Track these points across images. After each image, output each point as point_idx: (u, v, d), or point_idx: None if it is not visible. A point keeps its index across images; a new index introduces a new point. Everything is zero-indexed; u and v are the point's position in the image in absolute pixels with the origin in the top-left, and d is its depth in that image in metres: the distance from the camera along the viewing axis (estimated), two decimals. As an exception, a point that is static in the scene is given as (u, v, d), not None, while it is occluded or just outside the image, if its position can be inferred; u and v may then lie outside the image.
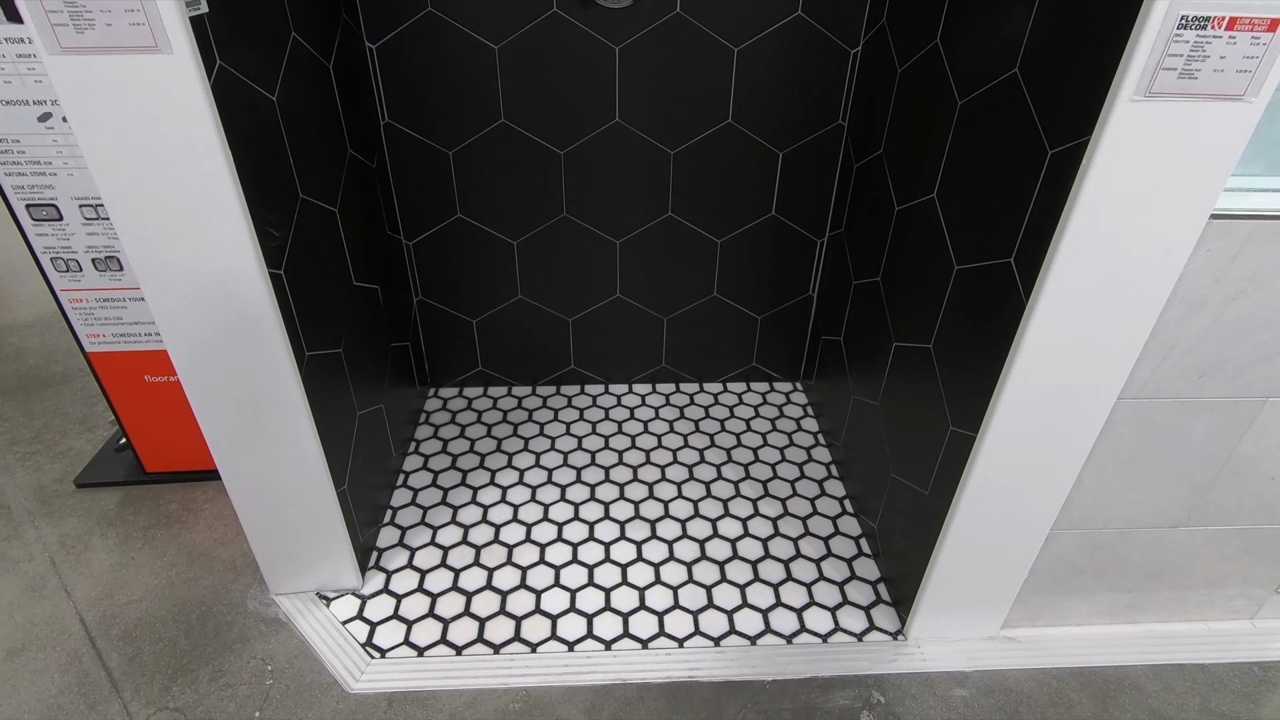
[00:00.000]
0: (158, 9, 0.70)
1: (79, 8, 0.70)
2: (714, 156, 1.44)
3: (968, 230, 0.95)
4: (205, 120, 0.77)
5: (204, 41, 0.76)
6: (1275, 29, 0.65)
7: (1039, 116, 0.79)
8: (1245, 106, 0.69)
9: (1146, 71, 0.66)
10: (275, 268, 0.92)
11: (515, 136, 1.39)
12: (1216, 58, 0.66)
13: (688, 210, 1.50)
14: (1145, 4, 0.64)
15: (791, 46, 1.32)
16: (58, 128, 1.06)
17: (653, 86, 1.35)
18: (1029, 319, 0.82)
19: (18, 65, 1.01)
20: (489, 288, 1.59)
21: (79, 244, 1.16)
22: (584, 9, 1.27)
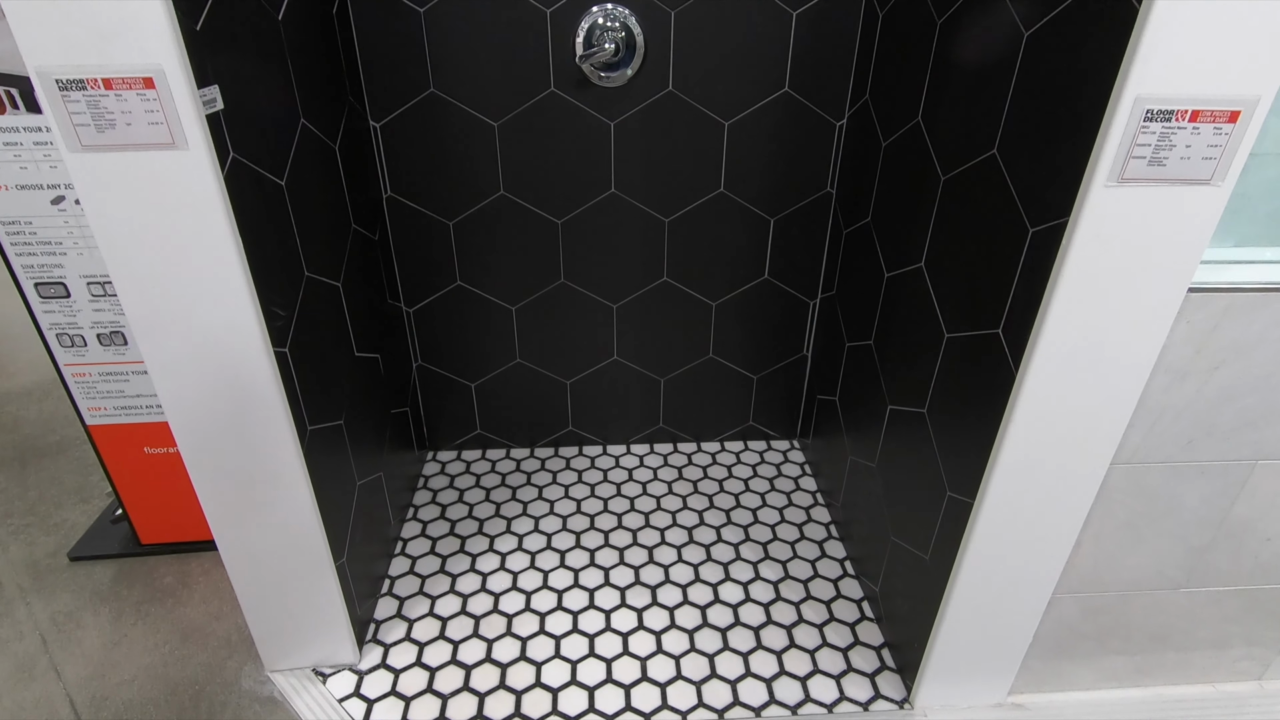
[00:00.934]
0: (176, 109, 0.74)
1: (101, 109, 0.73)
2: (707, 223, 1.48)
3: (956, 300, 0.98)
4: (217, 210, 0.80)
5: (218, 136, 0.79)
6: (1235, 119, 0.69)
7: (1019, 196, 0.83)
8: (1213, 190, 0.72)
9: (1118, 160, 0.70)
10: (280, 346, 0.93)
11: (514, 207, 1.43)
12: (1182, 146, 0.69)
13: (683, 275, 1.54)
14: (1112, 99, 0.68)
15: (780, 120, 1.38)
16: (69, 210, 1.09)
17: (647, 159, 1.40)
18: (1019, 388, 0.84)
19: (34, 152, 1.04)
20: (488, 352, 1.61)
21: (85, 320, 1.18)
22: (580, 88, 1.33)
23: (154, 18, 0.70)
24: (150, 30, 0.70)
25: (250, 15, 0.88)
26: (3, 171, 1.04)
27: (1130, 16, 0.66)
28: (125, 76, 0.72)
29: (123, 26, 0.70)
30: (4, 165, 1.04)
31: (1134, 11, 0.65)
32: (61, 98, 0.72)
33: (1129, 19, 0.66)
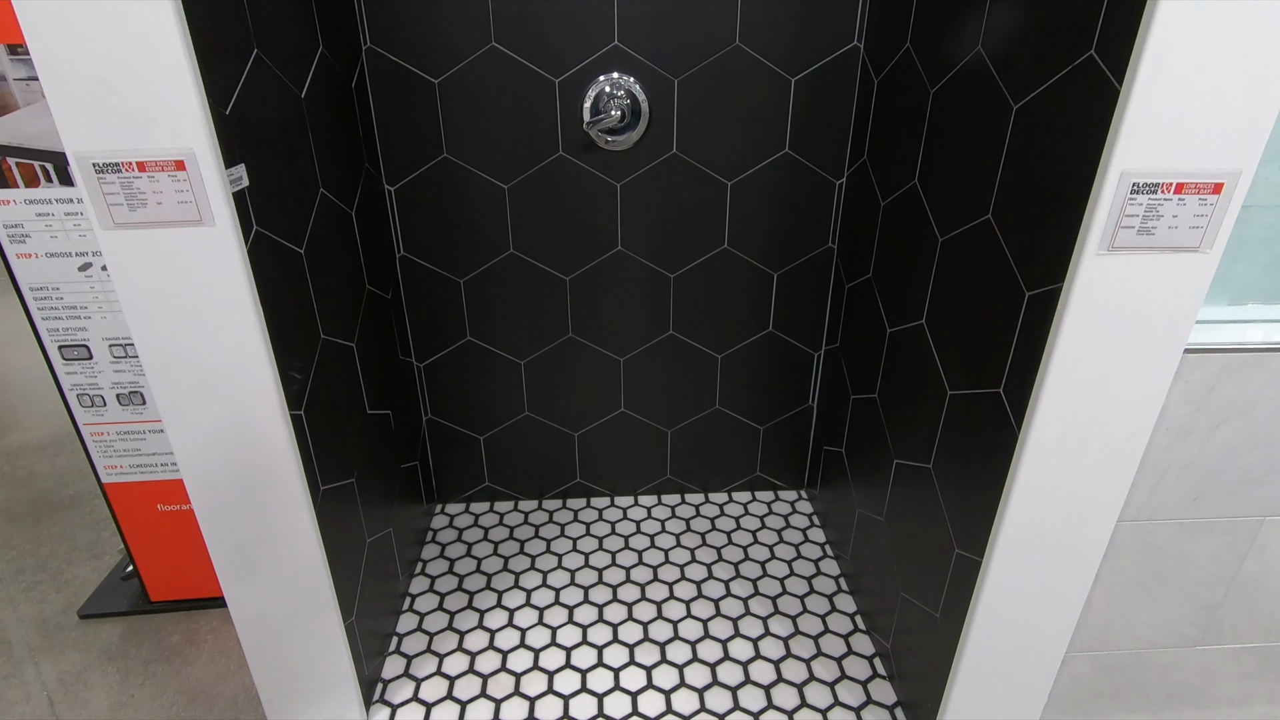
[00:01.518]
0: (205, 189, 0.77)
1: (134, 190, 0.77)
2: (712, 279, 1.51)
3: (957, 357, 1.00)
4: (240, 282, 0.83)
5: (243, 211, 0.83)
6: (1219, 191, 0.71)
7: (1014, 260, 0.86)
8: (1202, 257, 0.75)
9: (1107, 230, 0.72)
10: (296, 409, 0.96)
11: (523, 265, 1.47)
12: (1169, 217, 0.72)
13: (688, 328, 1.56)
14: (1099, 173, 0.71)
15: (780, 179, 1.42)
16: (95, 276, 1.13)
17: (652, 217, 1.44)
18: (1022, 447, 0.85)
19: (64, 222, 1.09)
20: (497, 405, 1.63)
21: (105, 380, 1.21)
22: (588, 151, 1.37)
23: (187, 105, 0.74)
24: (183, 116, 0.75)
25: (275, 95, 0.93)
26: (34, 241, 1.09)
27: (1113, 95, 0.69)
28: (158, 160, 0.76)
29: (157, 114, 0.74)
30: (36, 235, 1.08)
31: (1116, 91, 0.68)
32: (98, 180, 0.76)
33: (1112, 97, 0.69)
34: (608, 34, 1.28)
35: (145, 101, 0.74)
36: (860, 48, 1.31)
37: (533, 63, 1.29)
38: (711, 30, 1.28)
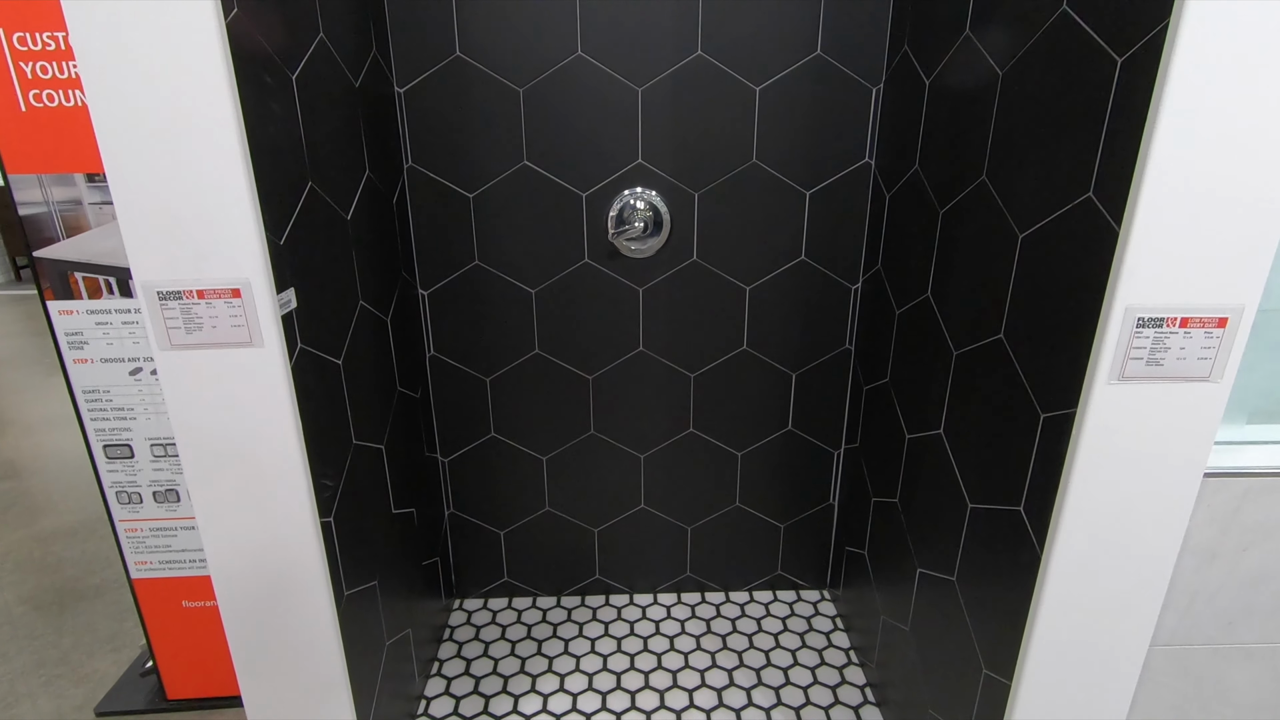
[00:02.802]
0: (258, 314, 0.83)
1: (192, 315, 0.83)
2: (731, 378, 1.54)
3: (977, 471, 1.01)
4: (283, 398, 0.88)
5: (289, 331, 0.88)
6: (1224, 324, 0.74)
7: (1028, 381, 0.88)
8: (1213, 386, 0.76)
9: (1116, 361, 0.74)
10: (325, 516, 0.98)
11: (548, 365, 1.51)
12: (1177, 349, 0.74)
13: (708, 426, 1.58)
14: (1104, 307, 0.73)
15: (797, 284, 1.47)
16: (144, 379, 1.19)
17: (673, 320, 1.49)
18: (1046, 569, 0.85)
19: (120, 330, 1.16)
20: (518, 500, 1.64)
21: (144, 479, 1.25)
22: (612, 258, 1.44)
23: (247, 239, 0.81)
24: (242, 249, 0.81)
25: (324, 220, 1.00)
26: (92, 347, 1.15)
27: (1112, 235, 0.73)
28: (217, 288, 0.82)
29: (219, 247, 0.81)
30: (94, 342, 1.15)
31: (1115, 232, 0.72)
32: (160, 306, 0.82)
33: (1111, 237, 0.73)
34: (632, 153, 1.36)
35: (209, 236, 0.80)
36: (871, 164, 1.38)
37: (562, 179, 1.38)
38: (730, 148, 1.37)
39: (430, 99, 1.32)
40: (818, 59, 1.31)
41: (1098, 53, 0.74)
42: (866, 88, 1.33)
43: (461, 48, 1.29)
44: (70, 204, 1.08)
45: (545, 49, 1.29)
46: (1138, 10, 0.69)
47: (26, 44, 1.00)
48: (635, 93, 1.32)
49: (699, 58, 1.31)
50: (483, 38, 1.28)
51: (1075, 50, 0.78)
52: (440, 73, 1.30)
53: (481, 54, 1.29)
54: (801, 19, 1.28)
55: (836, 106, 1.34)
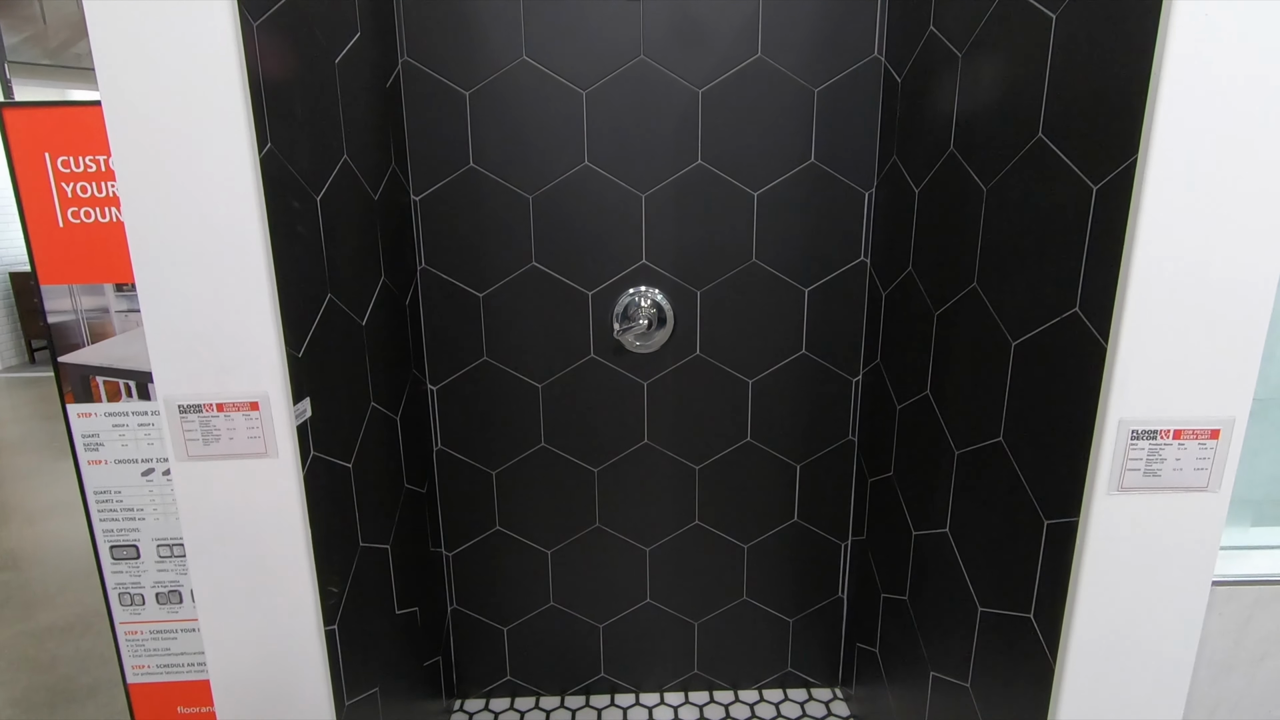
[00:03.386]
0: (274, 426, 0.85)
1: (211, 427, 0.85)
2: (736, 470, 1.55)
3: (985, 574, 1.00)
4: (294, 507, 0.89)
5: (303, 440, 0.90)
6: (1217, 436, 0.75)
7: (1030, 487, 0.89)
8: (1211, 496, 0.77)
9: (1114, 472, 0.76)
10: (330, 624, 0.98)
11: (554, 458, 1.53)
12: (1173, 460, 0.76)
13: (714, 519, 1.58)
14: (1099, 420, 0.75)
15: (799, 377, 1.49)
16: (156, 480, 1.20)
17: (678, 413, 1.51)
18: (1061, 681, 0.83)
19: (136, 432, 1.18)
20: (522, 595, 1.62)
21: (148, 580, 1.25)
22: (617, 354, 1.47)
23: (267, 354, 0.84)
24: (263, 364, 0.84)
25: (341, 329, 1.04)
26: (107, 449, 1.18)
27: (1100, 350, 0.75)
28: (236, 401, 0.84)
29: (241, 362, 0.84)
30: (109, 444, 1.17)
31: (1102, 348, 0.75)
32: (180, 419, 0.84)
33: (1100, 351, 0.75)
34: (636, 254, 1.42)
35: (232, 351, 0.84)
36: (867, 263, 1.43)
37: (569, 278, 1.43)
38: (730, 249, 1.42)
39: (444, 206, 1.39)
40: (812, 166, 1.38)
41: (1074, 179, 0.79)
42: (859, 192, 1.40)
43: (475, 159, 1.37)
44: (97, 311, 1.13)
45: (554, 160, 1.37)
46: (1108, 144, 0.74)
47: (70, 166, 1.07)
48: (639, 199, 1.39)
49: (699, 166, 1.38)
50: (495, 150, 1.36)
51: (1053, 174, 0.83)
52: (454, 182, 1.38)
53: (494, 165, 1.37)
54: (795, 131, 1.36)
55: (831, 209, 1.40)
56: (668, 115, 1.35)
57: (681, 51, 1.33)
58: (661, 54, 1.33)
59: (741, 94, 1.35)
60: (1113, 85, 0.73)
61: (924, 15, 1.16)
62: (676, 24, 1.31)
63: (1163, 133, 0.67)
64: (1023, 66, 0.88)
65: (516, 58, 1.32)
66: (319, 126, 0.97)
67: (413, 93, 1.33)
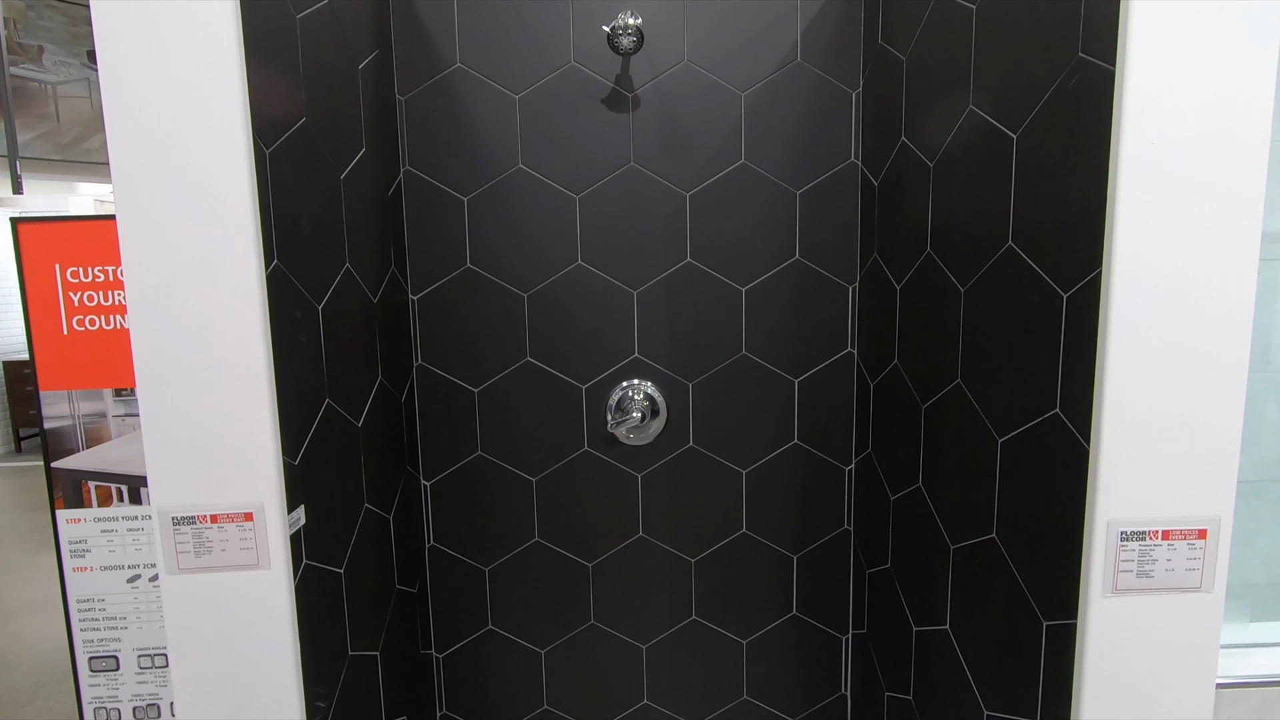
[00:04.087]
0: (268, 537, 0.85)
1: (203, 539, 0.85)
2: (732, 562, 1.53)
3: (988, 676, 0.98)
4: (284, 617, 0.87)
5: (296, 549, 0.90)
6: (1205, 536, 0.76)
7: (1027, 588, 0.88)
8: (1206, 596, 0.77)
9: (1107, 574, 0.76)
10: (316, 742, 0.94)
11: (548, 553, 1.51)
12: (1164, 560, 0.76)
13: (711, 613, 1.55)
14: (1088, 522, 0.76)
15: (792, 466, 1.50)
16: (141, 587, 1.18)
17: (673, 505, 1.50)
18: (1072, 793, 0.81)
19: (125, 537, 1.17)
20: (515, 698, 1.56)
21: (126, 693, 1.20)
22: (611, 446, 1.48)
23: (264, 463, 0.85)
24: (259, 474, 0.85)
25: (338, 433, 1.05)
26: (93, 555, 1.16)
27: (1083, 452, 0.77)
28: (230, 512, 0.84)
29: (238, 473, 0.85)
30: (96, 550, 1.16)
31: (1085, 450, 0.77)
32: (174, 531, 0.84)
33: (1082, 454, 0.77)
34: (629, 348, 1.45)
35: (229, 461, 0.84)
36: (854, 353, 1.47)
37: (563, 373, 1.45)
38: (720, 342, 1.46)
39: (441, 304, 1.43)
40: (797, 262, 1.44)
41: (1045, 287, 0.83)
42: (843, 286, 1.45)
43: (472, 260, 1.42)
44: (95, 416, 1.14)
45: (548, 259, 1.42)
46: (1074, 256, 0.78)
47: (78, 277, 1.10)
48: (631, 295, 1.44)
49: (689, 264, 1.43)
50: (492, 251, 1.41)
51: (1025, 281, 0.87)
52: (452, 281, 1.42)
53: (490, 265, 1.42)
54: (780, 229, 1.42)
55: (817, 303, 1.45)
56: (657, 217, 1.41)
57: (670, 158, 1.40)
58: (651, 161, 1.40)
59: (727, 196, 1.41)
60: (1073, 203, 0.77)
61: (895, 127, 1.24)
62: (664, 133, 1.39)
63: (1123, 251, 0.71)
64: (989, 179, 0.94)
65: (513, 165, 1.39)
66: (323, 238, 1.01)
67: (413, 198, 1.39)
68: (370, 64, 1.22)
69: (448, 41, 1.36)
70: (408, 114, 1.37)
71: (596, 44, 1.36)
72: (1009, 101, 0.89)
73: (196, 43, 0.78)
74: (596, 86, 1.38)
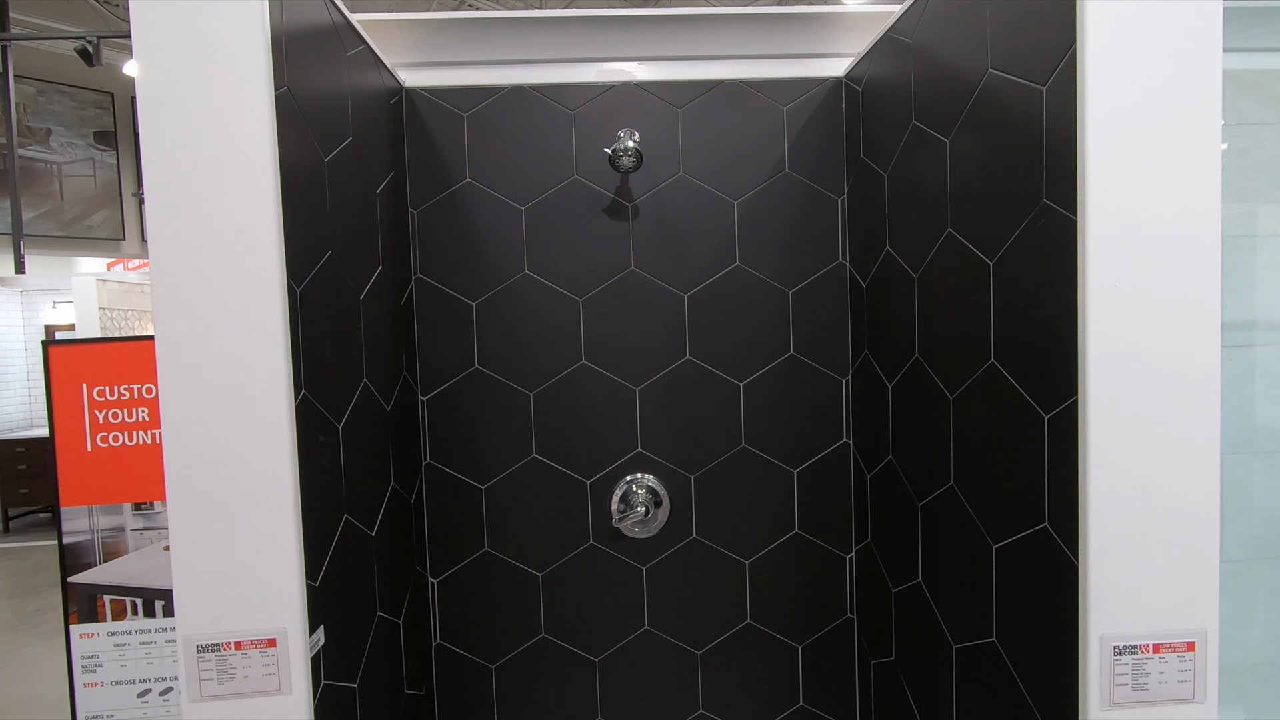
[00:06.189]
0: (290, 662, 0.87)
1: (227, 666, 0.87)
2: (738, 654, 1.54)
3: (996, 781, 0.99)
4: (303, 745, 0.89)
5: (315, 671, 0.92)
6: (1194, 649, 0.80)
7: (1030, 698, 0.91)
8: (1199, 706, 0.80)
9: (1103, 689, 0.79)
10: None
11: (554, 648, 1.51)
12: (1157, 673, 0.80)
13: (718, 707, 1.54)
14: (1082, 637, 0.80)
15: (794, 558, 1.53)
16: (151, 701, 1.18)
17: (677, 597, 1.52)
18: None
19: (138, 650, 1.17)
20: (521, 801, 1.54)
21: (131, 813, 1.19)
22: (615, 539, 1.51)
23: (289, 589, 0.88)
24: (283, 601, 0.87)
25: (354, 547, 1.08)
26: (105, 670, 1.16)
27: (1072, 568, 0.81)
28: (254, 639, 0.87)
29: (262, 600, 0.87)
30: (108, 664, 1.16)
31: (1074, 565, 0.81)
32: (198, 659, 0.86)
33: (1072, 570, 0.81)
34: (632, 442, 1.50)
35: (254, 590, 0.87)
36: (850, 444, 1.52)
37: (568, 468, 1.49)
38: (720, 435, 1.50)
39: (450, 405, 1.47)
40: (791, 358, 1.50)
41: (1027, 406, 0.89)
42: (837, 379, 1.51)
43: (480, 361, 1.47)
44: (113, 530, 1.16)
45: (553, 360, 1.48)
46: (1052, 380, 0.84)
47: (104, 395, 1.15)
48: (633, 392, 1.49)
49: (688, 361, 1.49)
50: (499, 352, 1.47)
51: (1008, 398, 0.93)
52: (460, 383, 1.47)
53: (497, 366, 1.47)
54: (774, 327, 1.49)
55: (813, 396, 1.51)
56: (657, 317, 1.48)
57: (668, 262, 1.48)
58: (650, 265, 1.47)
59: (723, 297, 1.49)
60: (1048, 333, 0.84)
61: (880, 235, 1.32)
62: (662, 240, 1.47)
63: (1096, 383, 0.77)
64: (971, 296, 1.01)
65: (519, 272, 1.47)
66: (344, 360, 1.06)
67: (424, 305, 1.46)
68: (387, 185, 1.30)
69: (458, 159, 1.45)
70: (419, 225, 1.45)
71: (597, 160, 1.45)
72: (984, 231, 0.97)
73: (238, 194, 0.85)
74: (598, 198, 1.46)
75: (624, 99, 1.45)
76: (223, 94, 0.84)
